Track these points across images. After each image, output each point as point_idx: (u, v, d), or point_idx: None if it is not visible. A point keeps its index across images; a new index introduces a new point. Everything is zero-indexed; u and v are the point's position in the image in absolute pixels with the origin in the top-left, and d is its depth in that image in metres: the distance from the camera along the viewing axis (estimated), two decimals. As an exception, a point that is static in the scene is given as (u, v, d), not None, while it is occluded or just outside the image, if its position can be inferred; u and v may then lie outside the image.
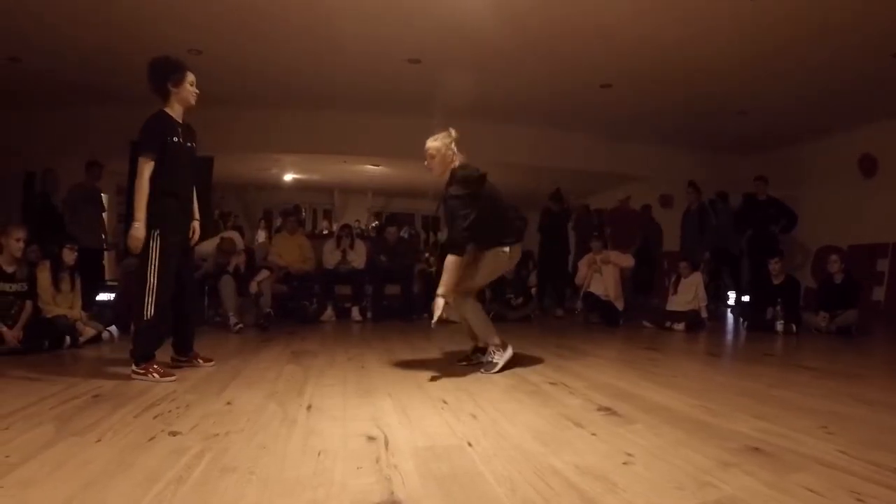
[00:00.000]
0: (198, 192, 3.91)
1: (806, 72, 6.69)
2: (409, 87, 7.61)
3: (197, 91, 3.67)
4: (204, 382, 3.32)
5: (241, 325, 5.92)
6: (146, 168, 3.44)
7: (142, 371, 3.38)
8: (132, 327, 3.80)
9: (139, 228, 3.43)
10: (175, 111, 3.62)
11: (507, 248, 3.89)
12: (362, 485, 1.78)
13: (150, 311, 3.47)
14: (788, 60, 6.38)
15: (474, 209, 3.67)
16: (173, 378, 3.36)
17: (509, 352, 3.89)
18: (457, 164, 3.83)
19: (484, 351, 4.00)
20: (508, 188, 4.84)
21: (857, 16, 5.31)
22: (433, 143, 3.82)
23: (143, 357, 3.44)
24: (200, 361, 3.85)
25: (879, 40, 5.75)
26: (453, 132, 3.84)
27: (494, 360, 3.85)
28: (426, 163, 3.86)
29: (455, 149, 3.85)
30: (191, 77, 3.64)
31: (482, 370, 3.80)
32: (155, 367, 3.42)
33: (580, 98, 7.87)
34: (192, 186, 3.77)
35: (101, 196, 7.57)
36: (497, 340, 3.92)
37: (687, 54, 6.34)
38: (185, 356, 3.83)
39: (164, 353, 3.72)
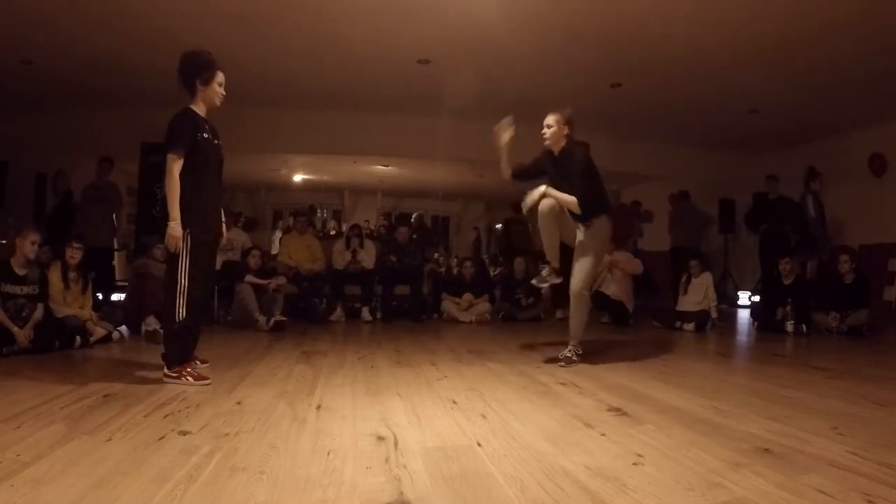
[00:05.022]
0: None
1: (817, 71, 6.62)
2: (418, 87, 7.61)
3: (223, 93, 3.53)
4: (214, 382, 3.32)
5: (270, 323, 5.90)
6: (175, 166, 3.28)
7: (174, 375, 3.27)
8: (161, 330, 3.67)
9: (175, 227, 3.27)
10: (200, 109, 3.48)
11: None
12: (372, 485, 1.78)
13: (181, 312, 3.32)
14: (800, 59, 6.32)
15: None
16: (208, 382, 3.25)
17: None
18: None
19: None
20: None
21: (868, 14, 5.26)
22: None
23: (176, 361, 3.33)
24: (198, 363, 3.68)
25: (890, 39, 5.70)
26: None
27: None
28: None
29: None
30: (220, 77, 3.49)
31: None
32: (188, 370, 3.31)
33: (590, 97, 7.82)
34: (220, 184, 3.63)
35: (115, 193, 7.53)
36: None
37: (698, 52, 6.30)
38: None
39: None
